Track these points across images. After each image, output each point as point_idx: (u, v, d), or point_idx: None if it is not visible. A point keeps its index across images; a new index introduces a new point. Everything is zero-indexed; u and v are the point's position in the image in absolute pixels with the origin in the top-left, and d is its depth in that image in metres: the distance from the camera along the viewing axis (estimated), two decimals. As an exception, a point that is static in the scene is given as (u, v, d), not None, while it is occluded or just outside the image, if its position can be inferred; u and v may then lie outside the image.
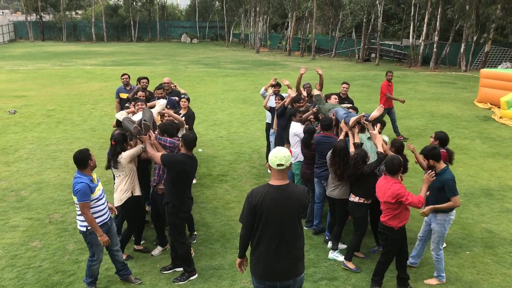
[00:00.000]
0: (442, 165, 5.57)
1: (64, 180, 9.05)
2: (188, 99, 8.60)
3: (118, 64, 28.51)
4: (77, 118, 14.39)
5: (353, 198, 6.04)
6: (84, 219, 5.16)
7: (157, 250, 6.47)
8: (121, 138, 6.06)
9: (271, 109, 8.98)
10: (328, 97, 8.01)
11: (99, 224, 5.22)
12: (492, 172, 9.82)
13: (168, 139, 6.21)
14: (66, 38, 50.32)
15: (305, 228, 6.85)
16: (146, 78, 9.43)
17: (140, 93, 8.50)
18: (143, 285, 5.65)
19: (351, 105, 8.59)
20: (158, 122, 7.11)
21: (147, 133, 5.89)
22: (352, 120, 6.37)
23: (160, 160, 5.52)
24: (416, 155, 6.14)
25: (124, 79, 9.92)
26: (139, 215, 6.34)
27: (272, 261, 3.95)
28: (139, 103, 7.51)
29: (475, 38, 29.08)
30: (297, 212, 3.95)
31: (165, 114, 7.46)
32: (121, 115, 6.77)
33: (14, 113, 14.84)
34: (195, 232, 6.90)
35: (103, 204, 5.34)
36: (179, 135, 6.71)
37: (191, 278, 5.77)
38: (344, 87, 9.96)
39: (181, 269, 5.88)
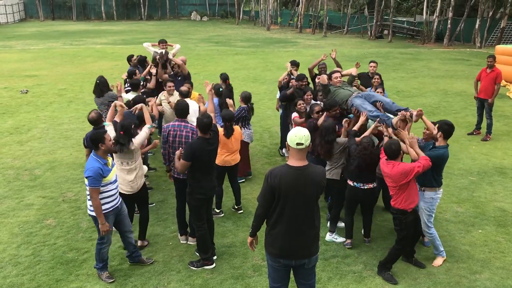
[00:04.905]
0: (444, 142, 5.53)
1: (76, 159, 9.14)
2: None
3: (128, 43, 28.40)
4: (88, 97, 14.40)
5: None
6: None
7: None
8: (130, 125, 5.64)
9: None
10: (329, 77, 7.09)
11: (111, 209, 5.17)
12: (506, 150, 9.69)
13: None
14: (76, 17, 50.16)
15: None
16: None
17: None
18: (155, 263, 5.73)
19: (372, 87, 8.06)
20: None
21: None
22: (394, 120, 5.92)
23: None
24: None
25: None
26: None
27: (289, 241, 3.97)
28: (163, 43, 10.58)
29: (490, 13, 28.38)
30: (316, 193, 3.94)
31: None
32: (147, 45, 10.48)
33: (26, 92, 14.93)
34: (218, 210, 6.97)
35: (116, 188, 5.26)
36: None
37: (206, 267, 5.60)
38: (372, 66, 9.34)
39: (194, 242, 5.88)
